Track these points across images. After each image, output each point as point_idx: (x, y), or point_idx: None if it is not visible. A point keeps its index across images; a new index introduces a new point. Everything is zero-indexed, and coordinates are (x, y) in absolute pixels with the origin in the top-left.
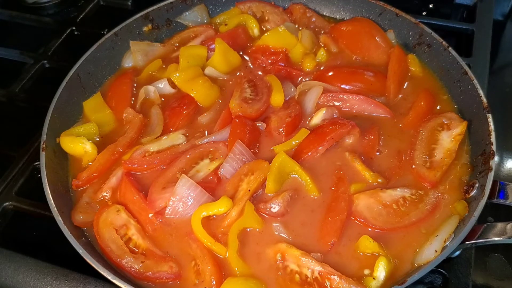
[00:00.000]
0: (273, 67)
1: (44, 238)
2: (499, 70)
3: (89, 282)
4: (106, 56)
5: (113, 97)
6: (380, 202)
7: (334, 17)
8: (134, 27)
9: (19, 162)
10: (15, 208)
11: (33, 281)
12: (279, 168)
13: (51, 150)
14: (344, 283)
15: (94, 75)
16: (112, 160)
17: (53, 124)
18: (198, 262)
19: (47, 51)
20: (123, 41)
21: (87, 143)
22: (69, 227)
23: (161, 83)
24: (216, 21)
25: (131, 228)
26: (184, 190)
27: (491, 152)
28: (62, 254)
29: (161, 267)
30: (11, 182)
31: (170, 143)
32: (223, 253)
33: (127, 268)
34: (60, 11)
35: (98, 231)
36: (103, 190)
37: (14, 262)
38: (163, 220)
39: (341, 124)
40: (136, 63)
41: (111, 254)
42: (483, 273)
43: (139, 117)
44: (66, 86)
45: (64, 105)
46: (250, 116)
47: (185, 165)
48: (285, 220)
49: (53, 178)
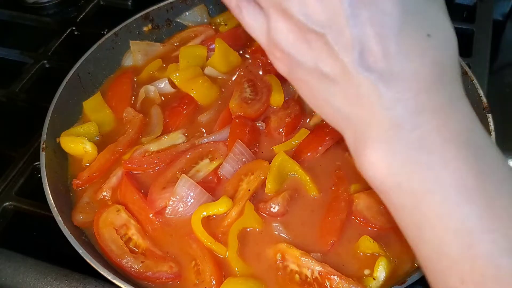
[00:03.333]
0: (273, 67)
1: (44, 238)
2: (499, 70)
3: (89, 282)
4: (106, 56)
5: (113, 97)
6: (381, 202)
7: None
8: (134, 27)
9: (19, 162)
10: (15, 208)
11: (33, 281)
12: (279, 168)
13: (51, 150)
14: (344, 283)
15: (94, 75)
16: (113, 160)
17: (53, 124)
18: (198, 262)
19: (47, 51)
20: (123, 41)
21: (87, 143)
22: (69, 227)
23: (162, 83)
24: (216, 21)
25: (131, 228)
26: (184, 190)
27: None
28: (62, 254)
29: (161, 267)
30: (11, 182)
31: (170, 143)
32: (223, 253)
33: (127, 268)
34: (60, 11)
35: (98, 231)
36: (103, 190)
37: (14, 262)
38: (163, 220)
39: None
40: (136, 62)
41: (111, 254)
42: None
43: (139, 116)
44: (66, 86)
45: (64, 105)
46: (250, 116)
47: (185, 165)
48: (285, 220)
49: (53, 178)
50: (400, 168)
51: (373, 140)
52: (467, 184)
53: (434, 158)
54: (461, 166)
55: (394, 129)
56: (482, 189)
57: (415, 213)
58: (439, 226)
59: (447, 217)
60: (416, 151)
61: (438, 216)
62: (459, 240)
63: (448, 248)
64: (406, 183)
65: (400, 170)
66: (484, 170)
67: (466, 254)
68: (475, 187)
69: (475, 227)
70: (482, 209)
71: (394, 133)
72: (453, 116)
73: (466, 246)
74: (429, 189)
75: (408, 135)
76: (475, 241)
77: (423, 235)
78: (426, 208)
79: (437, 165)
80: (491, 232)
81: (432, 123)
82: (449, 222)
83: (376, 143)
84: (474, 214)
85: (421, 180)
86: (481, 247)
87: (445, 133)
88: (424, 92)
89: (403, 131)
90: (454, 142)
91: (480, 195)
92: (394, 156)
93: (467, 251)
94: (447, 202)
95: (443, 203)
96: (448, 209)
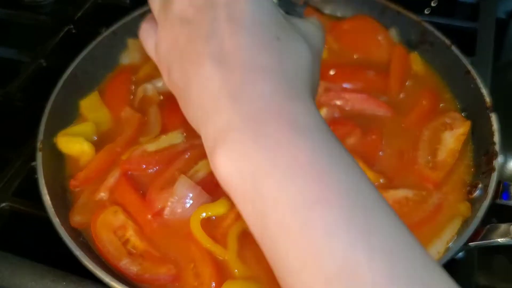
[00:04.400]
0: None
1: (41, 240)
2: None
3: (87, 284)
4: (103, 55)
5: (111, 96)
6: None
7: (335, 15)
8: (133, 25)
9: (15, 163)
10: (12, 209)
11: (30, 283)
12: None
13: (47, 150)
14: None
15: (92, 74)
16: (110, 160)
17: (49, 124)
18: (197, 264)
19: (44, 49)
20: (121, 39)
21: (85, 143)
22: (66, 228)
23: (160, 82)
24: None
25: (129, 229)
26: (183, 190)
27: (494, 152)
28: (60, 255)
29: (159, 269)
30: (7, 183)
31: (168, 143)
32: (222, 254)
33: (125, 270)
34: (57, 9)
35: (95, 233)
36: (100, 190)
37: (10, 264)
38: (162, 221)
39: (342, 124)
40: (134, 61)
41: (109, 255)
42: (487, 274)
43: (137, 116)
44: (63, 85)
45: (61, 104)
46: None
47: (184, 165)
48: None
49: (50, 179)
50: (240, 157)
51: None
52: (300, 160)
53: (269, 142)
54: (293, 147)
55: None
56: (315, 163)
57: (257, 200)
58: (279, 207)
59: (284, 196)
60: (252, 141)
61: (276, 197)
62: (296, 217)
63: (288, 229)
64: (246, 168)
65: (240, 158)
66: (316, 147)
67: (304, 231)
68: (308, 163)
69: (308, 201)
70: (314, 182)
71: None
72: (288, 105)
73: (302, 222)
74: (267, 172)
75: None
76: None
77: (267, 223)
78: (266, 191)
79: (271, 149)
80: (323, 207)
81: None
82: (286, 201)
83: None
84: (308, 188)
85: (258, 164)
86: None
87: (279, 120)
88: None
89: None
90: (288, 126)
91: (312, 169)
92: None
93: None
94: (282, 181)
95: (279, 182)
96: (285, 188)
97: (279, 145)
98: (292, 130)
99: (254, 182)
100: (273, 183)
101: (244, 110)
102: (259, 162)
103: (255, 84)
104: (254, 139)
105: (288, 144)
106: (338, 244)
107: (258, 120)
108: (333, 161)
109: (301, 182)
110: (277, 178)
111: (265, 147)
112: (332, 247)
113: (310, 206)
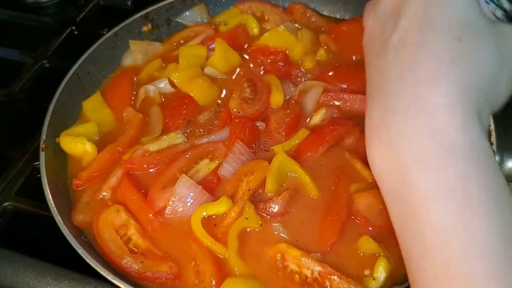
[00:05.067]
0: (272, 67)
1: (43, 238)
2: None
3: (89, 282)
4: (105, 56)
5: (113, 97)
6: (381, 202)
7: (334, 16)
8: (134, 26)
9: (18, 162)
10: (15, 208)
11: (33, 281)
12: (278, 168)
13: (50, 150)
14: (344, 283)
15: (94, 75)
16: (112, 160)
17: (52, 124)
18: (198, 262)
19: (46, 51)
20: (122, 41)
21: (87, 143)
22: (69, 227)
23: (161, 83)
24: (216, 20)
25: (131, 228)
26: (183, 189)
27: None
28: (62, 254)
29: (160, 267)
30: (10, 182)
31: (169, 143)
32: (223, 253)
33: (126, 268)
34: (59, 11)
35: (97, 231)
36: (103, 190)
37: (13, 262)
38: (163, 220)
39: (341, 124)
40: (136, 62)
41: (111, 254)
42: None
43: (139, 116)
44: (65, 86)
45: (63, 105)
46: (250, 116)
47: (185, 165)
48: (285, 220)
49: (52, 178)
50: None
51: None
52: (449, 184)
53: (427, 163)
54: (446, 170)
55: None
56: (462, 189)
57: (403, 201)
58: (420, 219)
59: (427, 211)
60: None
61: (420, 208)
62: (436, 233)
63: (425, 240)
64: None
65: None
66: (468, 173)
67: (442, 247)
68: (456, 188)
69: (451, 224)
70: (460, 208)
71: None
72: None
73: (442, 240)
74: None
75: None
76: (449, 236)
77: (407, 225)
78: (411, 199)
79: (427, 168)
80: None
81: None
82: (428, 216)
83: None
84: (452, 212)
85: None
86: (454, 243)
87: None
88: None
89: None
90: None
91: (458, 194)
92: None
93: (443, 245)
94: (428, 198)
95: (425, 198)
96: (428, 205)
97: (437, 169)
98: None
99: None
100: (420, 197)
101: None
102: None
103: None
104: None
105: (442, 168)
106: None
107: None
108: (483, 191)
109: (444, 204)
110: (423, 194)
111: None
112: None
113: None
